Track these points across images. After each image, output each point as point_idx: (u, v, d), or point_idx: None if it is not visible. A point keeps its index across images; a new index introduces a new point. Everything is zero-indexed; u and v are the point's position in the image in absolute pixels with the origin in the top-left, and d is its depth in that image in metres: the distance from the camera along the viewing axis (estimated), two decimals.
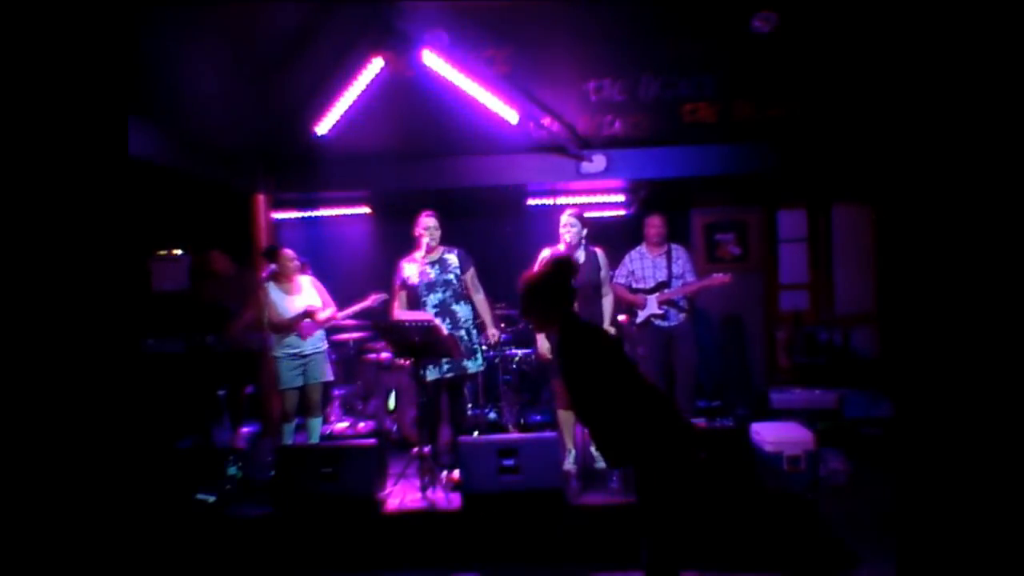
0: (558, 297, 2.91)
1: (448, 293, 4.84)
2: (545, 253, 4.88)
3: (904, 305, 2.17)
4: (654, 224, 5.33)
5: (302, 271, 5.36)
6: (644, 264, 5.31)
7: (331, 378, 5.30)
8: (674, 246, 5.34)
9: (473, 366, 4.86)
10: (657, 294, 5.21)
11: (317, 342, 5.13)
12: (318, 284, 5.33)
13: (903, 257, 2.16)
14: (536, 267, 2.98)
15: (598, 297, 4.71)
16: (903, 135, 2.20)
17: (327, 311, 5.18)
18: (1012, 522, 1.92)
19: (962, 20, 1.95)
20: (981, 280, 1.95)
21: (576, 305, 4.64)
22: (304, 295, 5.11)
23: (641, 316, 5.27)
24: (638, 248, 5.40)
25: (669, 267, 5.21)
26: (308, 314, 5.00)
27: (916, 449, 2.16)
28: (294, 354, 5.00)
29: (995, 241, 1.94)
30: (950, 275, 1.99)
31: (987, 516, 1.99)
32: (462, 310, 4.86)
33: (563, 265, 3.00)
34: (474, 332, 4.92)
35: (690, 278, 5.22)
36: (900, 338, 2.20)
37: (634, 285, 5.31)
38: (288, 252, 5.16)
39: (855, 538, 3.94)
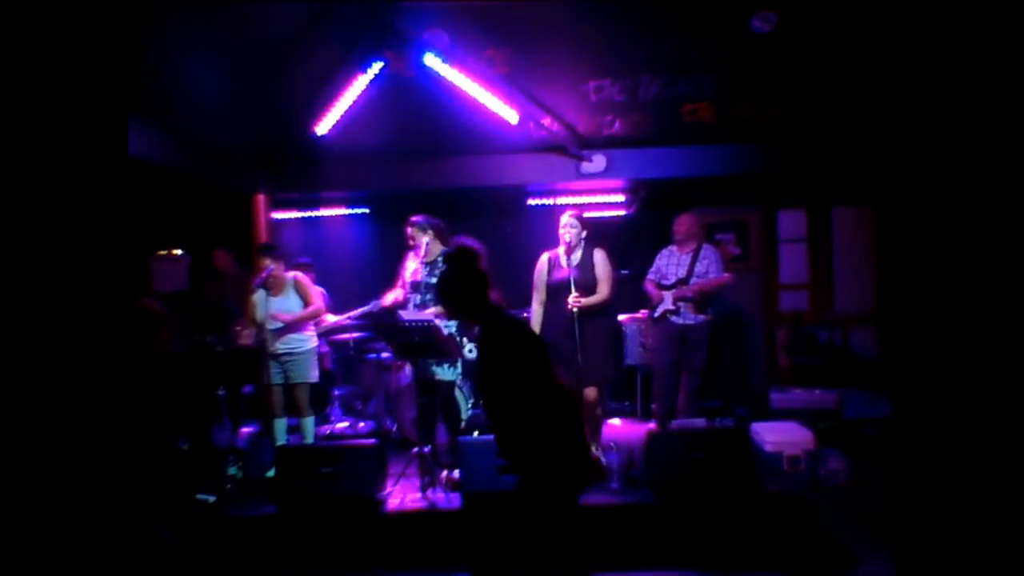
0: (469, 288, 2.78)
1: (429, 296, 4.78)
2: (544, 257, 4.88)
3: (903, 305, 2.18)
4: (679, 223, 5.44)
5: (300, 271, 5.33)
6: (670, 261, 5.45)
7: (314, 379, 5.17)
8: (706, 246, 5.43)
9: (442, 373, 4.74)
10: (674, 291, 5.30)
11: (293, 343, 5.05)
12: (306, 284, 5.17)
13: (903, 257, 2.16)
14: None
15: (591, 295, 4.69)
16: (903, 136, 2.21)
17: (308, 311, 5.08)
18: (1012, 521, 1.92)
19: (961, 21, 1.96)
20: (980, 280, 1.96)
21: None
22: (283, 296, 5.04)
23: (658, 311, 5.40)
24: (669, 246, 5.51)
25: (692, 265, 5.29)
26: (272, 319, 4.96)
27: (915, 449, 2.17)
28: (271, 353, 4.98)
29: (994, 242, 1.94)
30: (949, 276, 2.00)
31: (987, 515, 1.99)
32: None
33: (462, 255, 2.84)
34: (458, 340, 4.88)
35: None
36: (899, 338, 2.20)
37: (661, 281, 5.44)
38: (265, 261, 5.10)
39: (855, 538, 3.94)
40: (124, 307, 2.13)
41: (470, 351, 5.69)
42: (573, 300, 4.47)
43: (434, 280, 4.79)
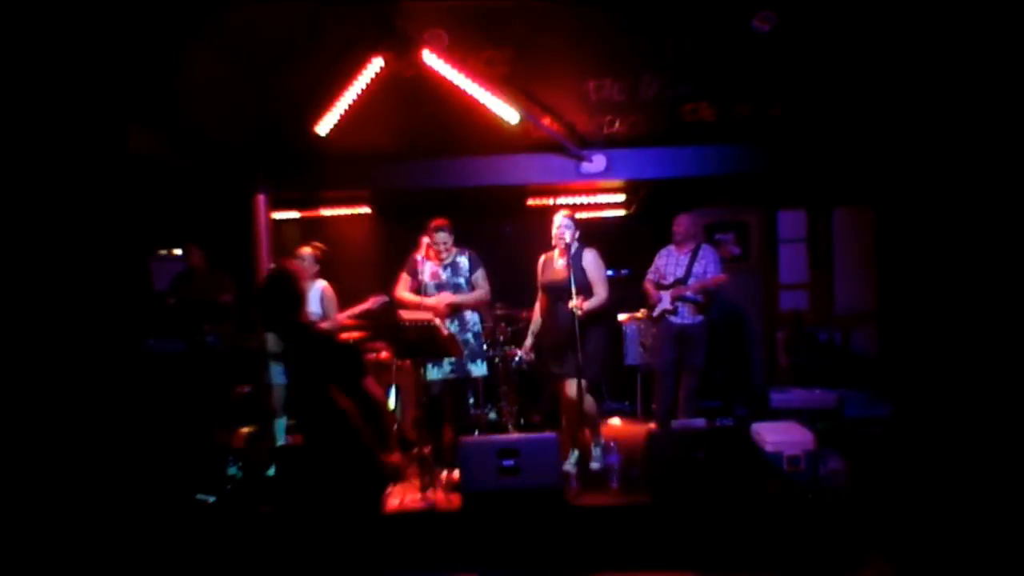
0: (278, 307, 3.13)
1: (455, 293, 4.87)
2: (541, 258, 4.91)
3: (903, 305, 2.18)
4: (679, 223, 5.44)
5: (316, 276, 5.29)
6: (668, 261, 5.46)
7: None
8: (704, 246, 5.46)
9: (477, 370, 4.91)
10: (671, 291, 5.31)
11: None
12: (326, 294, 5.18)
13: (902, 257, 2.17)
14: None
15: (588, 296, 4.68)
16: (903, 136, 2.21)
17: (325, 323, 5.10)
18: (1011, 520, 1.93)
19: (960, 22, 1.96)
20: (979, 280, 1.96)
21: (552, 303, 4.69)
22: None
23: (656, 311, 5.42)
24: (668, 246, 5.52)
25: (690, 265, 5.29)
26: None
27: (915, 449, 2.17)
28: (276, 353, 5.00)
29: (993, 242, 1.95)
30: (948, 276, 2.00)
31: (986, 514, 1.99)
32: (470, 314, 4.91)
33: (277, 276, 3.23)
34: (481, 336, 4.96)
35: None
36: (899, 338, 2.21)
37: (660, 281, 5.45)
38: (303, 250, 5.18)
39: (855, 538, 3.94)
40: (123, 306, 2.14)
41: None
42: (575, 306, 4.47)
43: (460, 280, 4.85)
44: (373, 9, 5.38)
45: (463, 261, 4.95)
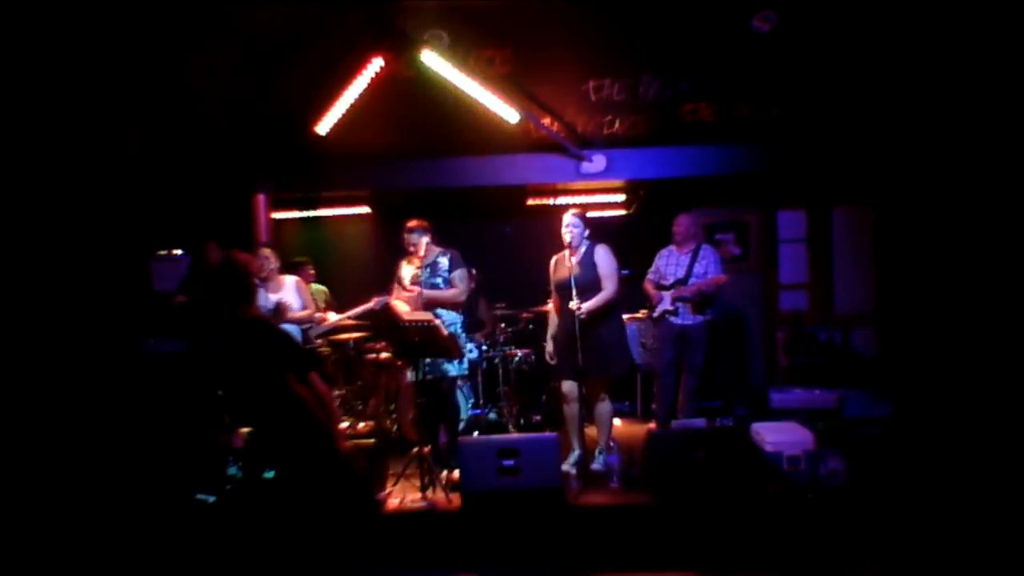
0: (228, 295, 3.14)
1: None
2: (555, 257, 4.92)
3: (903, 305, 2.18)
4: (679, 223, 5.44)
5: (296, 272, 5.35)
6: (669, 261, 5.46)
7: None
8: (704, 246, 5.45)
9: (453, 370, 4.84)
10: (672, 291, 5.31)
11: None
12: (301, 287, 5.26)
13: (902, 258, 2.17)
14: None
15: (597, 292, 4.69)
16: (903, 136, 2.21)
17: (303, 312, 5.15)
18: (1011, 520, 1.93)
19: (961, 22, 1.96)
20: (979, 280, 1.96)
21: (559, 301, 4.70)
22: (282, 295, 5.07)
23: (657, 311, 5.42)
24: (669, 246, 5.52)
25: (691, 266, 5.29)
26: (280, 311, 4.99)
27: (915, 448, 2.18)
28: None
29: (993, 242, 1.95)
30: (948, 276, 2.00)
31: (986, 514, 2.00)
32: (446, 314, 4.83)
33: (227, 267, 3.19)
34: (462, 336, 4.91)
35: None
36: (899, 338, 2.21)
37: (661, 282, 5.45)
38: (264, 251, 5.21)
39: (855, 538, 3.94)
40: (123, 307, 2.14)
41: (471, 351, 5.71)
42: (574, 306, 4.48)
43: (437, 280, 4.82)
44: (373, 9, 5.38)
45: (443, 261, 4.89)
